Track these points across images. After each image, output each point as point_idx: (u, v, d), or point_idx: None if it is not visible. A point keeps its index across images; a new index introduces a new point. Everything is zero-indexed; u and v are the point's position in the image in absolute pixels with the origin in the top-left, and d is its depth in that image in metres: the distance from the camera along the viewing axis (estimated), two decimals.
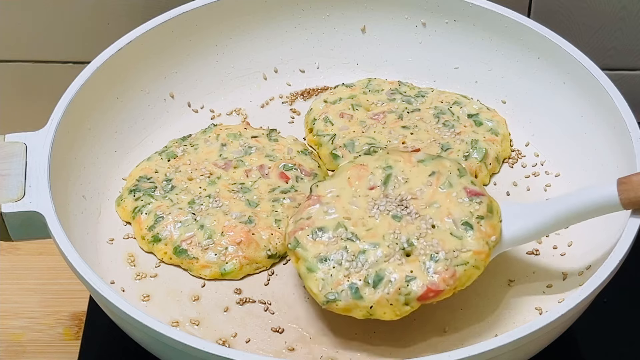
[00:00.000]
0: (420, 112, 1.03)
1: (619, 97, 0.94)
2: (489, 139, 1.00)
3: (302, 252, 0.85)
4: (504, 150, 1.00)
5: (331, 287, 0.84)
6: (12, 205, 0.87)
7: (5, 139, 0.92)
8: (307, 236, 0.85)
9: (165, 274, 0.93)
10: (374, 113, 1.03)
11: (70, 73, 0.99)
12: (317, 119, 1.03)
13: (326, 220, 0.86)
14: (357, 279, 0.83)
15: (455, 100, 1.04)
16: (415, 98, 1.04)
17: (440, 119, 1.01)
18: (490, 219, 0.85)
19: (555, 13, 1.11)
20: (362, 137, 1.00)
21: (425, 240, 0.84)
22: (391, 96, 1.04)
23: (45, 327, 1.02)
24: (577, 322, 0.86)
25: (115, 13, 1.13)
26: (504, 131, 1.01)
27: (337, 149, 1.00)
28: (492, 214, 0.86)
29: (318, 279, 0.84)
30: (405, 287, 0.83)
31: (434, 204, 0.86)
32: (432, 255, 0.83)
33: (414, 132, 1.00)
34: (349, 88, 1.06)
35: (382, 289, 0.83)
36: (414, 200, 0.86)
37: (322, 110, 1.03)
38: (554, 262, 0.93)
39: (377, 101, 1.04)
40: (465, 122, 1.01)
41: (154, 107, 1.04)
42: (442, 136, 1.00)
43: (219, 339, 0.88)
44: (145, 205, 0.95)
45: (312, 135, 1.02)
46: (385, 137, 1.00)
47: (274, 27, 1.07)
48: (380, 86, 1.06)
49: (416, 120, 1.01)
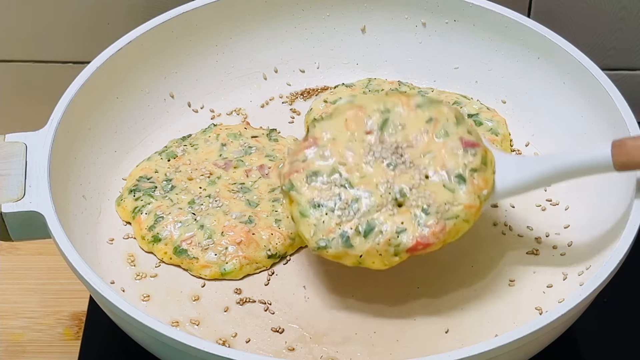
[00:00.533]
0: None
1: (619, 97, 0.94)
2: (489, 139, 1.00)
3: (296, 195, 0.85)
4: (504, 149, 1.00)
5: (323, 234, 0.84)
6: (12, 205, 0.87)
7: (5, 139, 0.92)
8: (302, 180, 0.86)
9: (165, 274, 0.93)
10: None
11: (70, 73, 0.99)
12: (316, 119, 1.02)
13: (321, 165, 0.86)
14: (348, 228, 0.84)
15: (455, 100, 1.04)
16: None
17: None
18: (484, 171, 0.85)
19: (555, 13, 1.11)
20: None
21: (418, 191, 0.84)
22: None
23: (45, 327, 1.02)
24: (577, 322, 0.86)
25: (115, 13, 1.13)
26: (504, 131, 1.01)
27: None
28: (486, 166, 0.85)
29: (310, 224, 0.85)
30: (395, 239, 0.83)
31: (428, 154, 0.85)
32: (423, 208, 0.83)
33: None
34: (349, 88, 1.06)
35: (372, 239, 0.83)
36: (410, 149, 0.86)
37: (322, 110, 1.03)
38: (554, 262, 0.93)
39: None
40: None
41: (154, 107, 1.04)
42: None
43: (219, 339, 0.88)
44: (145, 205, 0.95)
45: None
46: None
47: (274, 27, 1.07)
48: (380, 86, 1.06)
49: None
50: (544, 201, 0.97)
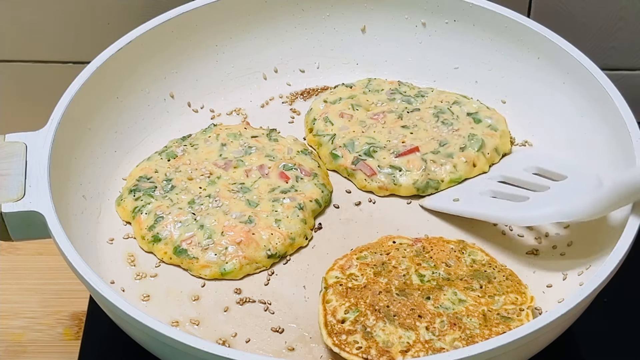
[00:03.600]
0: (420, 111, 1.03)
1: (619, 97, 0.94)
2: (487, 134, 1.00)
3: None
4: (504, 144, 1.00)
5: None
6: (12, 205, 0.87)
7: (5, 139, 0.92)
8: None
9: (165, 274, 0.93)
10: (374, 113, 1.03)
11: (70, 73, 0.99)
12: (317, 119, 1.03)
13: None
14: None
15: (455, 100, 1.04)
16: (415, 98, 1.04)
17: (440, 117, 1.02)
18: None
19: (555, 13, 1.11)
20: (361, 137, 1.00)
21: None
22: (391, 96, 1.05)
23: (45, 327, 1.02)
24: (577, 322, 0.86)
25: (115, 13, 1.13)
26: (503, 127, 1.01)
27: (337, 149, 1.00)
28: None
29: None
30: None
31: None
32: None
33: (414, 131, 1.01)
34: (349, 88, 1.06)
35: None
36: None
37: (322, 110, 1.03)
38: (554, 262, 0.93)
39: (377, 101, 1.04)
40: (464, 119, 1.02)
41: (154, 107, 1.04)
42: (441, 133, 1.00)
43: (219, 338, 0.88)
44: (145, 205, 0.95)
45: (312, 135, 1.02)
46: (385, 136, 1.00)
47: (274, 27, 1.08)
48: (380, 86, 1.06)
49: (416, 120, 1.02)
50: None
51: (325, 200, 0.97)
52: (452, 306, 0.86)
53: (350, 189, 0.99)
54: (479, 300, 0.87)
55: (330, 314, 0.86)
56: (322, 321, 0.86)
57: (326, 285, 0.88)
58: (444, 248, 0.91)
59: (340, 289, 0.88)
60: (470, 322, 0.85)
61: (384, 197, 0.98)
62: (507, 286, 0.88)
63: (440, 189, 0.97)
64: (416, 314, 0.85)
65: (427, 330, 0.84)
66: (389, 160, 0.98)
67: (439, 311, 0.86)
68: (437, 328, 0.84)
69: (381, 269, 0.89)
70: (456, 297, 0.87)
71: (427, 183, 0.97)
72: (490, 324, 0.85)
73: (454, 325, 0.85)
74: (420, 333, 0.84)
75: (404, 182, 0.97)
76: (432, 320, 0.85)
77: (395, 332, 0.84)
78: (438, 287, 0.87)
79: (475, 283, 0.88)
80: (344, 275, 0.89)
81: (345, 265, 0.90)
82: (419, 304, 0.86)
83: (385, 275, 0.89)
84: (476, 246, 0.92)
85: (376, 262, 0.90)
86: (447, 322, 0.85)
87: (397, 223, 0.96)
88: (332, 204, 0.98)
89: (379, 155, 0.99)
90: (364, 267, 0.89)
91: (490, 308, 0.86)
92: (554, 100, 1.01)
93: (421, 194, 0.97)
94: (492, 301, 0.87)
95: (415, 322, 0.85)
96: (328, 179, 0.99)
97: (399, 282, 0.88)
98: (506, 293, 0.87)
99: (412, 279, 0.88)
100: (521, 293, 0.88)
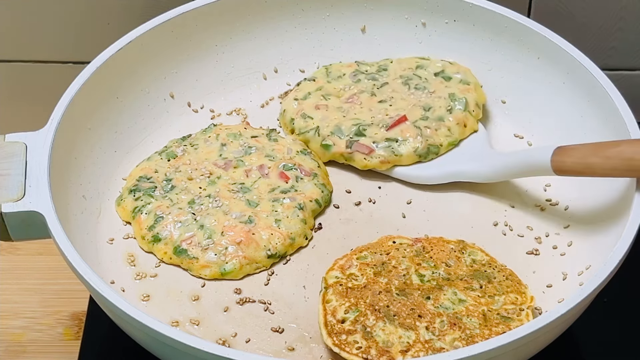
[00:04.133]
0: (389, 84, 1.03)
1: (619, 97, 0.94)
2: (463, 89, 1.01)
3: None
4: (480, 96, 1.02)
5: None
6: (12, 205, 0.87)
7: (5, 139, 0.92)
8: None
9: (165, 274, 0.93)
10: (347, 97, 1.03)
11: (70, 73, 0.99)
12: (294, 118, 1.02)
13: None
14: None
15: (416, 64, 1.05)
16: (378, 73, 1.05)
17: (410, 85, 1.03)
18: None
19: (555, 13, 1.11)
20: (345, 121, 1.00)
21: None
22: (354, 78, 1.05)
23: (45, 327, 1.02)
24: (577, 322, 0.86)
25: (115, 13, 1.13)
26: (473, 80, 1.03)
27: (325, 139, 1.00)
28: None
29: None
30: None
31: None
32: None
33: (392, 103, 1.01)
34: (312, 81, 1.05)
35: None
36: None
37: (296, 108, 1.03)
38: (554, 262, 0.93)
39: (343, 86, 1.04)
40: (434, 80, 1.03)
41: (154, 107, 1.04)
42: (419, 99, 1.01)
43: (219, 338, 0.88)
44: (145, 205, 0.95)
45: (296, 134, 1.02)
46: (368, 115, 1.01)
47: (274, 27, 1.08)
48: (340, 71, 1.06)
49: (389, 92, 1.02)
50: (544, 201, 0.97)
51: (325, 200, 0.97)
52: (452, 306, 0.86)
53: (350, 189, 0.99)
54: (479, 300, 0.87)
55: (330, 314, 0.86)
56: (322, 321, 0.86)
57: (326, 285, 0.88)
58: (444, 248, 0.91)
59: (340, 289, 0.88)
60: (470, 322, 0.85)
61: (383, 198, 0.98)
62: (507, 286, 0.88)
63: (440, 153, 0.98)
64: (416, 313, 0.85)
65: (427, 330, 0.84)
66: (382, 135, 0.99)
67: (439, 311, 0.86)
68: (437, 328, 0.84)
69: (381, 269, 0.89)
70: (456, 297, 0.87)
71: (428, 149, 0.98)
72: (490, 324, 0.85)
73: (454, 325, 0.85)
74: (420, 333, 0.84)
75: (404, 152, 0.98)
76: (432, 320, 0.85)
77: (395, 332, 0.84)
78: (438, 287, 0.87)
79: (475, 283, 0.88)
80: (344, 275, 0.89)
81: (345, 265, 0.90)
82: (419, 303, 0.86)
83: (385, 275, 0.89)
84: (476, 246, 0.92)
85: (376, 262, 0.90)
86: (447, 322, 0.85)
87: (397, 223, 0.96)
88: (332, 204, 0.98)
89: (369, 132, 0.99)
90: (364, 267, 0.89)
91: (490, 308, 0.86)
92: (554, 100, 1.01)
93: (423, 160, 0.98)
94: (492, 301, 0.87)
95: (415, 322, 0.85)
96: (328, 179, 0.99)
97: (399, 282, 0.88)
98: (506, 293, 0.87)
99: (412, 279, 0.88)
100: (521, 293, 0.88)
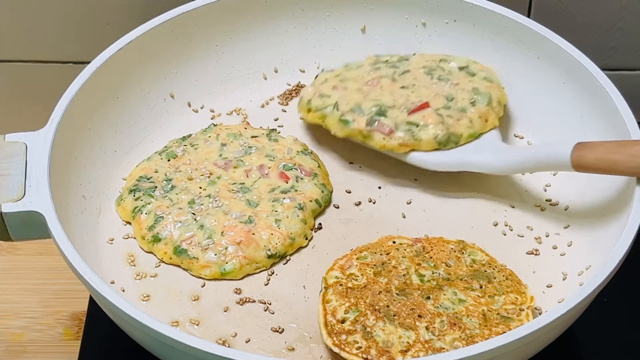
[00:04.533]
0: (411, 72, 1.01)
1: (619, 97, 0.94)
2: (487, 86, 1.00)
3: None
4: (502, 95, 1.00)
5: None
6: (12, 205, 0.87)
7: (5, 139, 0.92)
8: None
9: (165, 274, 0.93)
10: (367, 81, 1.01)
11: (70, 73, 0.99)
12: (311, 99, 1.00)
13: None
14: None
15: (441, 58, 1.03)
16: (399, 62, 1.03)
17: (433, 75, 1.01)
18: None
19: (555, 13, 1.11)
20: (366, 101, 0.98)
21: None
22: (375, 66, 1.03)
23: (45, 327, 1.02)
24: (577, 322, 0.86)
25: (115, 13, 1.13)
26: (496, 79, 1.01)
27: (344, 115, 0.97)
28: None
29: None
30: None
31: None
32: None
33: (414, 90, 0.99)
34: (330, 72, 1.04)
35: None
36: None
37: (313, 91, 1.01)
38: (554, 262, 0.93)
39: (363, 74, 1.02)
40: (458, 74, 1.01)
41: (154, 107, 1.04)
42: (442, 89, 0.99)
43: (219, 338, 0.88)
44: (145, 205, 0.95)
45: (312, 114, 1.00)
46: (389, 98, 0.98)
47: (274, 27, 1.07)
48: (360, 63, 1.04)
49: (411, 80, 1.00)
50: (544, 201, 0.97)
51: (325, 200, 0.97)
52: (452, 306, 0.86)
53: (350, 189, 0.99)
54: (479, 300, 0.87)
55: (330, 314, 0.86)
56: (322, 321, 0.86)
57: (326, 285, 0.88)
58: (444, 248, 0.91)
59: (340, 289, 0.88)
60: (470, 322, 0.85)
61: (383, 198, 0.98)
62: (507, 286, 0.88)
63: (459, 143, 0.96)
64: (416, 313, 0.85)
65: (427, 330, 0.84)
66: (403, 117, 0.97)
67: (439, 311, 0.86)
68: (437, 328, 0.84)
69: (381, 269, 0.89)
70: (456, 297, 0.87)
71: (449, 137, 0.96)
72: (490, 324, 0.85)
73: (453, 325, 0.85)
74: (420, 333, 0.84)
75: (425, 137, 0.96)
76: (432, 320, 0.85)
77: (395, 332, 0.84)
78: (438, 287, 0.87)
79: (475, 283, 0.88)
80: (344, 275, 0.89)
81: (345, 265, 0.90)
82: (419, 303, 0.86)
83: (385, 275, 0.89)
84: (476, 246, 0.92)
85: (376, 262, 0.90)
86: (447, 322, 0.85)
87: (397, 223, 0.96)
88: (332, 204, 0.98)
89: (391, 114, 0.97)
90: (364, 267, 0.89)
91: (490, 308, 0.86)
92: (554, 101, 1.01)
93: (441, 148, 0.96)
94: (492, 301, 0.87)
95: (415, 322, 0.85)
96: (328, 179, 0.99)
97: (399, 282, 0.88)
98: (506, 293, 0.87)
99: (412, 279, 0.88)
100: (521, 293, 0.88)
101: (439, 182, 0.99)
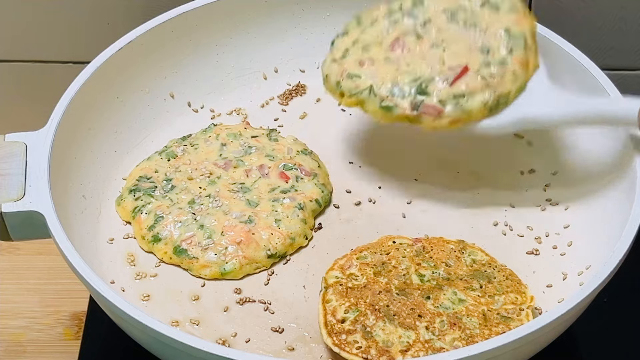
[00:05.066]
0: (432, 21, 0.94)
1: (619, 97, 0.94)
2: (516, 21, 0.92)
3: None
4: (532, 25, 0.93)
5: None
6: (12, 205, 0.87)
7: (5, 139, 0.92)
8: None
9: (165, 274, 0.93)
10: (389, 44, 0.94)
11: (70, 73, 0.99)
12: (340, 81, 0.94)
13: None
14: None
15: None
16: (415, 8, 0.95)
17: (458, 20, 0.93)
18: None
19: (555, 13, 1.11)
20: (400, 77, 0.92)
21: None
22: (390, 19, 0.96)
23: (45, 327, 1.02)
24: (577, 322, 0.86)
25: (115, 13, 1.13)
26: (521, 5, 0.94)
27: (385, 100, 0.91)
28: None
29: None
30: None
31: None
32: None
33: (445, 47, 0.92)
34: (345, 36, 0.97)
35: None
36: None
37: (339, 70, 0.95)
38: (554, 262, 0.93)
39: (381, 32, 0.95)
40: (482, 13, 0.93)
41: (154, 107, 1.04)
42: (474, 40, 0.91)
43: (219, 338, 0.88)
44: (145, 205, 0.95)
45: (346, 98, 0.94)
46: (422, 66, 0.91)
47: (274, 27, 1.07)
48: (372, 16, 0.97)
49: (437, 32, 0.93)
50: (543, 201, 0.97)
51: (325, 200, 0.97)
52: (452, 306, 0.86)
53: (350, 189, 0.99)
54: (479, 300, 0.87)
55: (330, 314, 0.86)
56: (322, 321, 0.86)
57: (326, 285, 0.88)
58: (444, 248, 0.91)
59: (340, 289, 0.88)
60: (470, 321, 0.85)
61: (383, 198, 0.98)
62: (507, 286, 0.88)
63: (509, 103, 0.90)
64: (416, 313, 0.85)
65: (427, 330, 0.84)
66: (447, 91, 0.90)
67: (439, 311, 0.86)
68: (437, 328, 0.84)
69: (381, 268, 0.89)
70: (456, 297, 0.87)
71: (498, 100, 0.89)
72: (490, 323, 0.85)
73: (453, 325, 0.85)
74: (420, 333, 0.84)
75: (474, 107, 0.89)
76: (432, 320, 0.85)
77: (395, 331, 0.84)
78: (438, 287, 0.88)
79: (475, 283, 0.88)
80: (344, 275, 0.89)
81: (345, 265, 0.90)
82: (419, 303, 0.86)
83: (385, 275, 0.89)
84: (476, 246, 0.92)
85: (376, 262, 0.90)
86: (447, 321, 0.85)
87: (397, 223, 0.96)
88: (332, 204, 0.98)
89: (432, 89, 0.90)
90: (364, 267, 0.89)
91: (490, 308, 0.86)
92: None
93: (493, 113, 0.90)
94: (492, 301, 0.87)
95: (415, 322, 0.85)
96: (328, 179, 0.99)
97: (399, 282, 0.88)
98: (506, 293, 0.87)
99: (412, 279, 0.88)
100: (521, 293, 0.88)
101: (439, 182, 0.99)
